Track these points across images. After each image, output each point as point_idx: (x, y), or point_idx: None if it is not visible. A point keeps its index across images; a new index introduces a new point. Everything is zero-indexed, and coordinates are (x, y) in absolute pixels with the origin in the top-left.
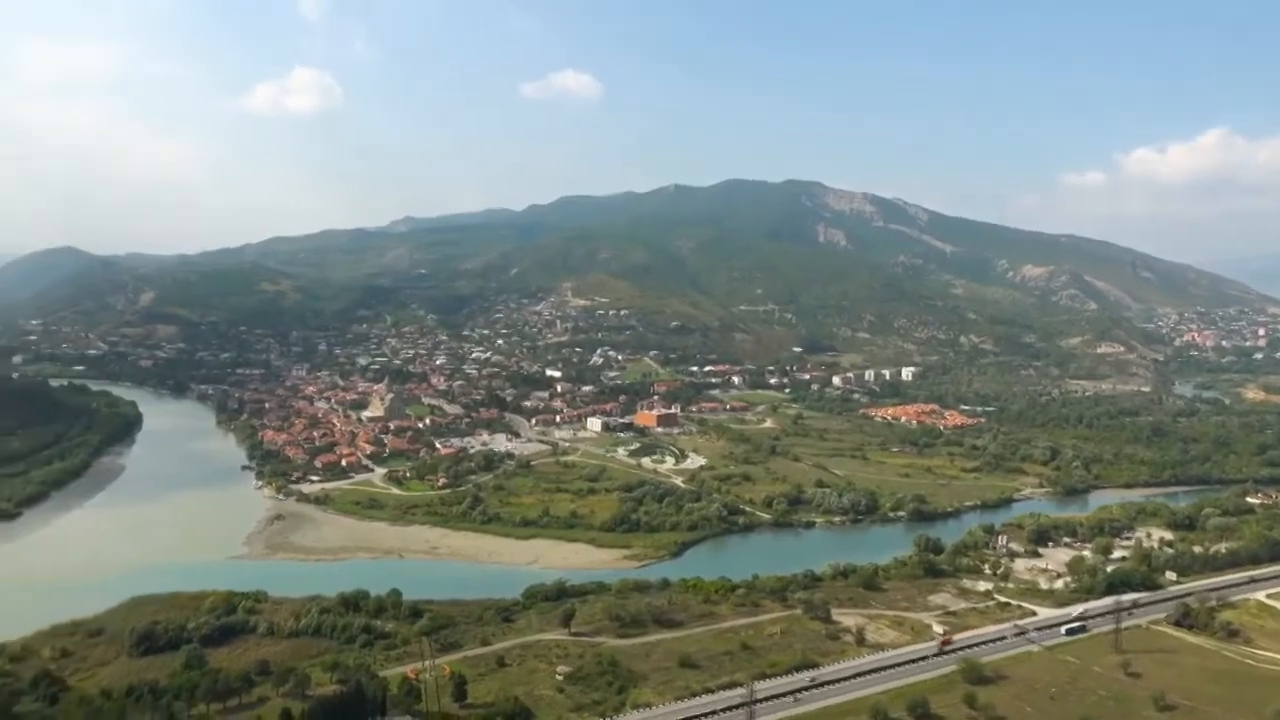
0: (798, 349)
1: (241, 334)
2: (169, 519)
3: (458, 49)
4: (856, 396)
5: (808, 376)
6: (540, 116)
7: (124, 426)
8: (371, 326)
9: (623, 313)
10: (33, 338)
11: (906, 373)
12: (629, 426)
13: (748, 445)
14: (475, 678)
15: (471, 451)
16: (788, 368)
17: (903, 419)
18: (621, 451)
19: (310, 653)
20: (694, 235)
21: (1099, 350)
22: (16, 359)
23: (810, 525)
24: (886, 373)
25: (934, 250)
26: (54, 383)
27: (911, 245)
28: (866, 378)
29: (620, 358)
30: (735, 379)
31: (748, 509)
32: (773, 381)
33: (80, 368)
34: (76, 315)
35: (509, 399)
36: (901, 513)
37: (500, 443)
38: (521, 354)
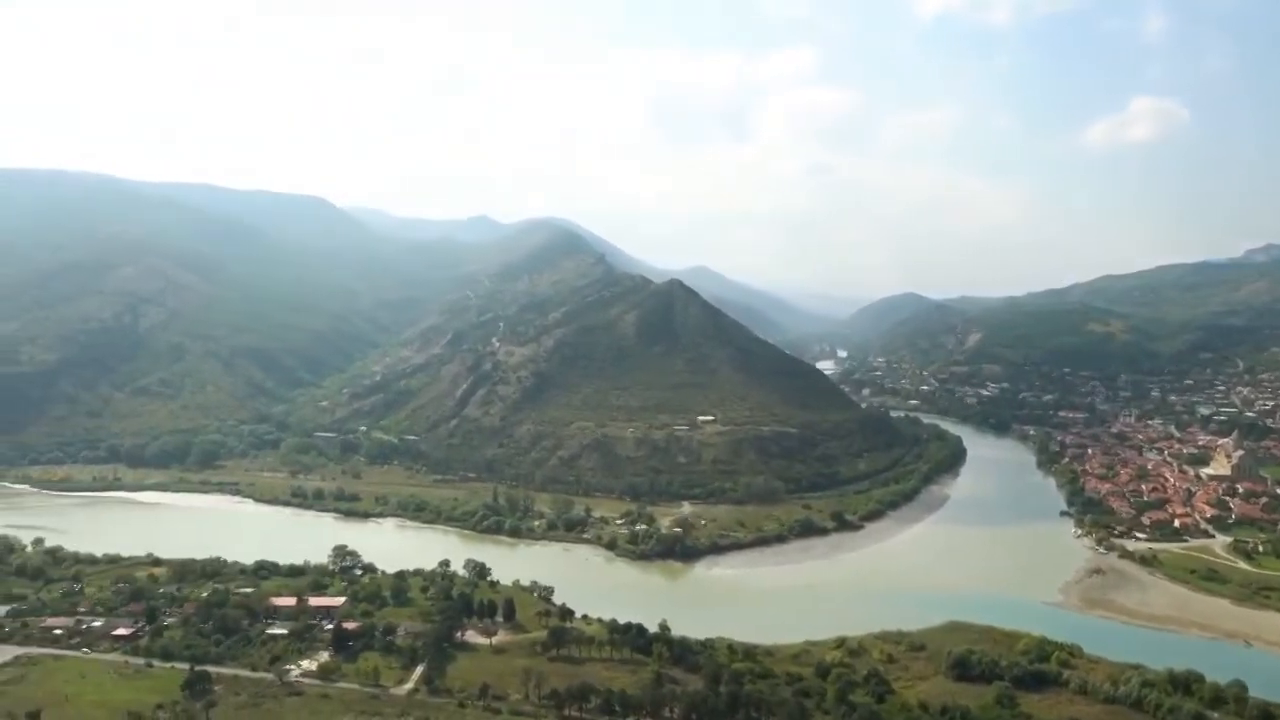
0: None
1: (1065, 375)
2: (986, 552)
3: None
4: None
5: None
6: None
7: (950, 458)
8: (1216, 371)
9: None
10: (878, 373)
11: None
12: None
13: None
14: None
15: None
16: None
17: None
18: None
19: None
20: None
21: None
22: (865, 391)
23: None
24: None
25: None
26: (893, 414)
27: None
28: None
29: None
30: None
31: None
32: None
33: (914, 402)
34: (913, 354)
35: None
36: None
37: None
38: None
